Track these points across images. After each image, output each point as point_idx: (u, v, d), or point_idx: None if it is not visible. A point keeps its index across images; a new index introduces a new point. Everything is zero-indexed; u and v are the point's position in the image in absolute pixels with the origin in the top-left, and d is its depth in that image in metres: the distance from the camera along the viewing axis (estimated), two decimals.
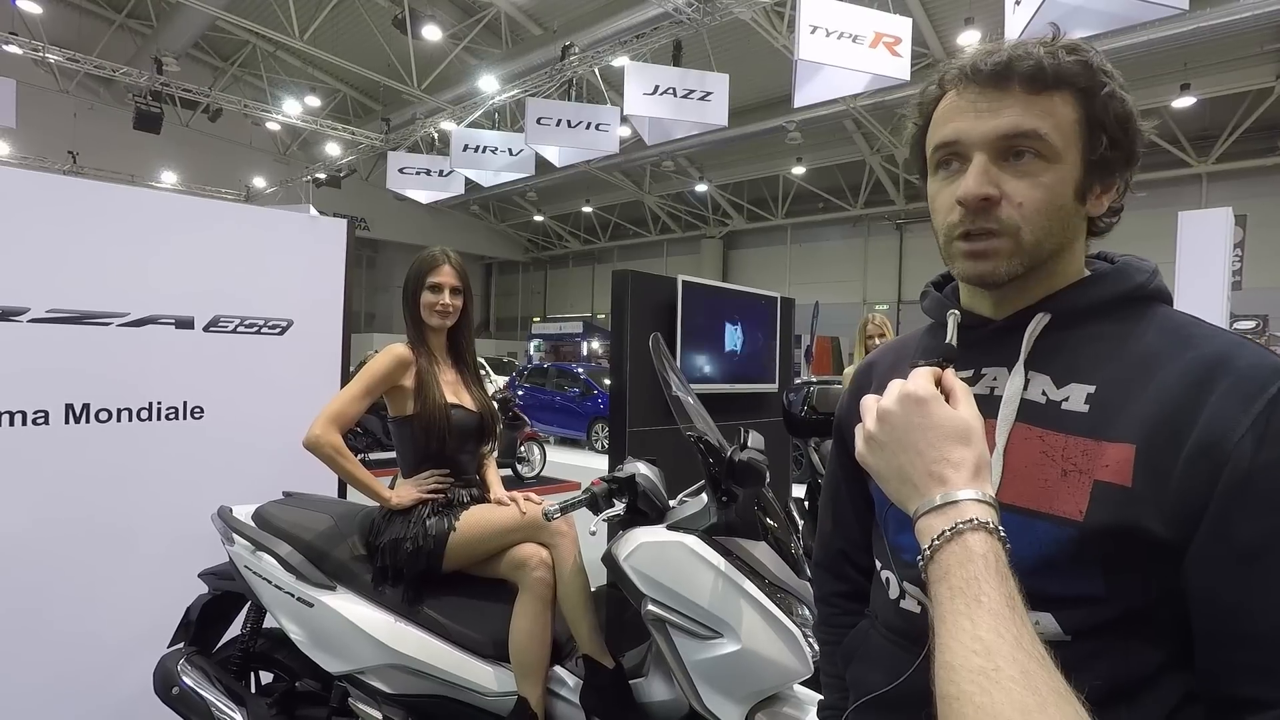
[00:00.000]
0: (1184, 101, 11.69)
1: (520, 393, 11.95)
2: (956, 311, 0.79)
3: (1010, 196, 0.68)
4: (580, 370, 12.85)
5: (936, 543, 0.54)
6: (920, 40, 10.88)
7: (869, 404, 0.66)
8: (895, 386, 0.63)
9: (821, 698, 1.04)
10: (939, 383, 0.63)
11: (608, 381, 10.74)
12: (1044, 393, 0.71)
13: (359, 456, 2.96)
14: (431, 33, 11.97)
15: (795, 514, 4.02)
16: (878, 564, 0.86)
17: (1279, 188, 13.30)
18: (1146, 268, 0.76)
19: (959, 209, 0.71)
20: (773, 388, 4.81)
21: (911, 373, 0.64)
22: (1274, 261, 12.77)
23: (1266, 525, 0.58)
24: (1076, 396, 0.69)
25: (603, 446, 11.16)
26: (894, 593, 0.81)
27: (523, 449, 8.67)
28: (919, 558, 0.56)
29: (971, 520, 0.53)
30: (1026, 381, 0.73)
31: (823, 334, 14.60)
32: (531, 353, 20.52)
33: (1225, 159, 13.50)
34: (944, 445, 0.58)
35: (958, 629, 0.48)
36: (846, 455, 0.95)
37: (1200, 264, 4.77)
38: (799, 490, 5.20)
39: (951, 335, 0.78)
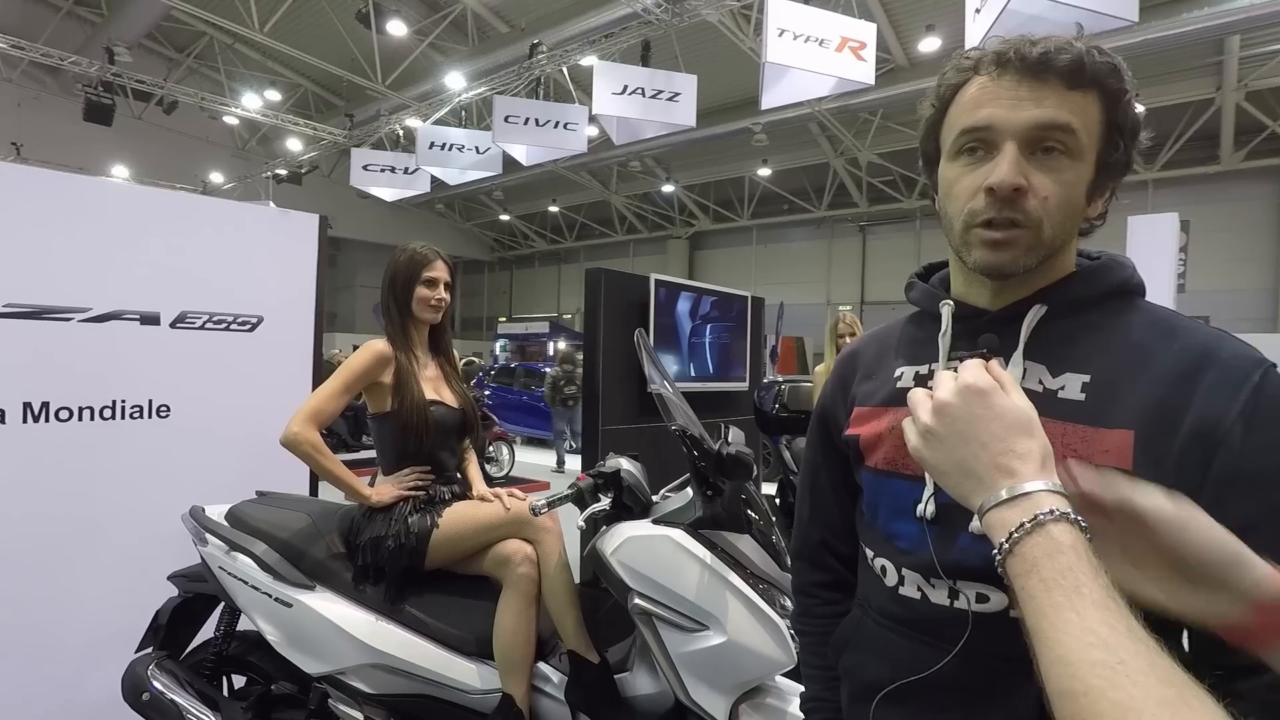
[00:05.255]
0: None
1: (487, 392, 11.85)
2: (950, 302, 0.81)
3: (1036, 190, 0.69)
4: (547, 370, 12.78)
5: (1016, 535, 0.52)
6: (883, 46, 11.09)
7: (919, 398, 0.64)
8: (948, 379, 0.62)
9: (803, 689, 1.04)
10: None
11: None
12: (1040, 382, 0.74)
13: None
14: (396, 28, 11.78)
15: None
16: (869, 552, 0.87)
17: (1218, 194, 13.90)
18: (1129, 264, 0.80)
19: (983, 196, 0.71)
20: (743, 386, 4.86)
21: (963, 364, 0.63)
22: (1214, 265, 13.35)
23: (1257, 503, 0.62)
24: (1072, 385, 0.72)
25: (570, 445, 11.13)
26: (891, 580, 0.82)
27: (491, 449, 8.59)
28: (995, 551, 0.54)
29: (1052, 511, 0.52)
30: (1024, 371, 0.75)
31: (788, 334, 14.78)
32: (497, 353, 20.33)
33: (1169, 166, 14.03)
34: (1009, 437, 0.57)
35: (1064, 622, 0.47)
36: (828, 444, 0.96)
37: (1148, 267, 4.92)
38: (769, 488, 5.26)
39: (946, 325, 0.80)
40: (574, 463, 9.95)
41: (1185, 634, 0.64)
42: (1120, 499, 0.57)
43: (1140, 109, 0.76)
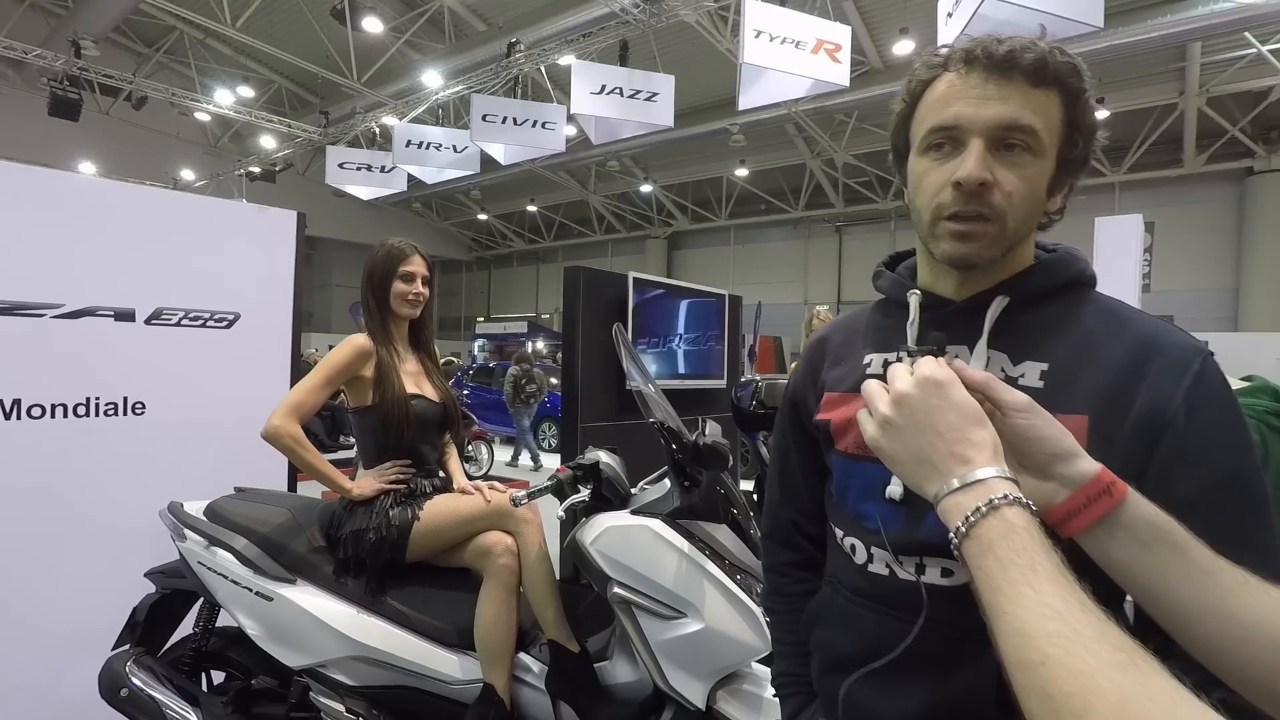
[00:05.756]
0: (1099, 114, 12.39)
1: (466, 392, 11.79)
2: (918, 291, 0.85)
3: (1001, 184, 0.73)
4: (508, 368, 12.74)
5: (973, 518, 0.56)
6: (858, 49, 11.24)
7: (875, 390, 0.68)
8: (902, 371, 0.66)
9: (774, 666, 1.07)
10: None
11: (554, 380, 10.71)
12: (1002, 370, 0.78)
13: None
14: (372, 25, 11.66)
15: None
16: (838, 532, 0.90)
17: (1182, 197, 14.29)
18: (1082, 257, 0.85)
19: (951, 190, 0.74)
20: (721, 383, 4.91)
21: (919, 360, 0.66)
22: (1178, 266, 13.72)
23: (1197, 480, 0.68)
24: (1032, 373, 0.77)
25: (549, 445, 11.11)
26: (861, 558, 0.86)
27: (470, 448, 8.56)
28: (951, 535, 0.58)
29: (1005, 496, 0.55)
30: (987, 360, 0.79)
31: (765, 333, 14.89)
32: (475, 353, 20.23)
33: (1135, 169, 14.38)
34: (964, 426, 0.61)
35: (1020, 596, 0.49)
36: (799, 427, 1.00)
37: (1114, 267, 5.07)
38: (747, 484, 5.31)
39: (914, 314, 0.84)
40: (547, 461, 10.00)
41: (1131, 606, 0.69)
42: (987, 390, 0.65)
43: (1103, 111, 0.80)
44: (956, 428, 0.61)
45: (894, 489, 0.81)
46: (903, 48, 10.78)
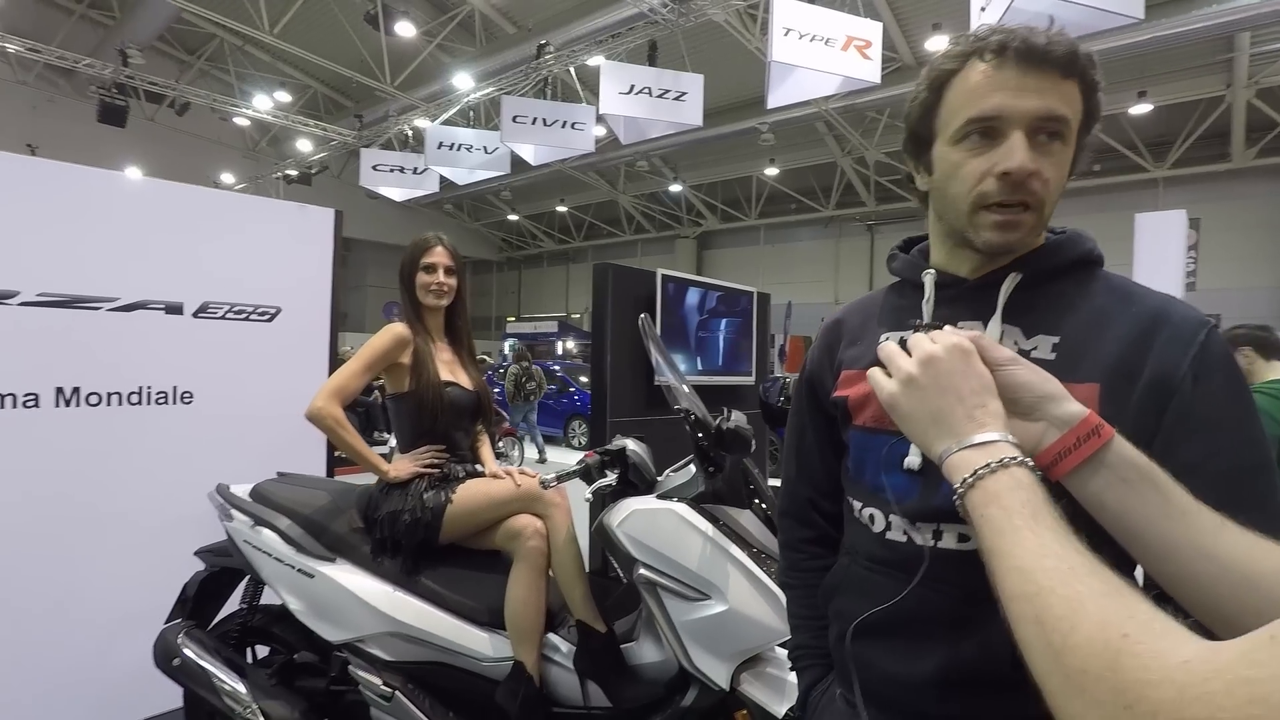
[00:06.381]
0: (1141, 108, 12.12)
1: (497, 390, 11.95)
2: (933, 271, 0.88)
3: (1040, 173, 0.75)
4: (556, 368, 12.89)
5: (982, 471, 0.60)
6: (889, 45, 11.13)
7: (895, 350, 0.72)
8: (924, 339, 0.71)
9: (790, 639, 1.10)
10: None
11: (584, 379, 10.80)
12: (1015, 343, 0.81)
13: (335, 453, 3.03)
14: (405, 29, 11.88)
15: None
16: (855, 504, 0.93)
17: (1230, 192, 13.83)
18: (1091, 237, 0.88)
19: (994, 180, 0.76)
20: (749, 380, 4.92)
21: (944, 330, 0.71)
22: (1225, 264, 13.31)
23: (1202, 444, 0.71)
24: (1044, 346, 0.80)
25: (579, 444, 11.22)
26: (879, 526, 0.89)
27: (501, 444, 8.70)
28: (957, 486, 0.62)
29: (1015, 458, 0.60)
30: (1001, 333, 0.82)
31: (796, 333, 14.83)
32: (506, 352, 20.44)
33: (1180, 164, 13.99)
34: (984, 394, 0.66)
35: (1020, 539, 0.53)
36: (815, 406, 1.03)
37: (1156, 265, 4.96)
38: (775, 482, 5.31)
39: (929, 292, 0.88)
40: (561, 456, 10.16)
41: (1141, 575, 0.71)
42: (978, 343, 0.69)
43: (1146, 105, 0.83)
44: (977, 393, 0.66)
45: (913, 459, 0.84)
46: (935, 44, 10.65)
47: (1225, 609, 0.58)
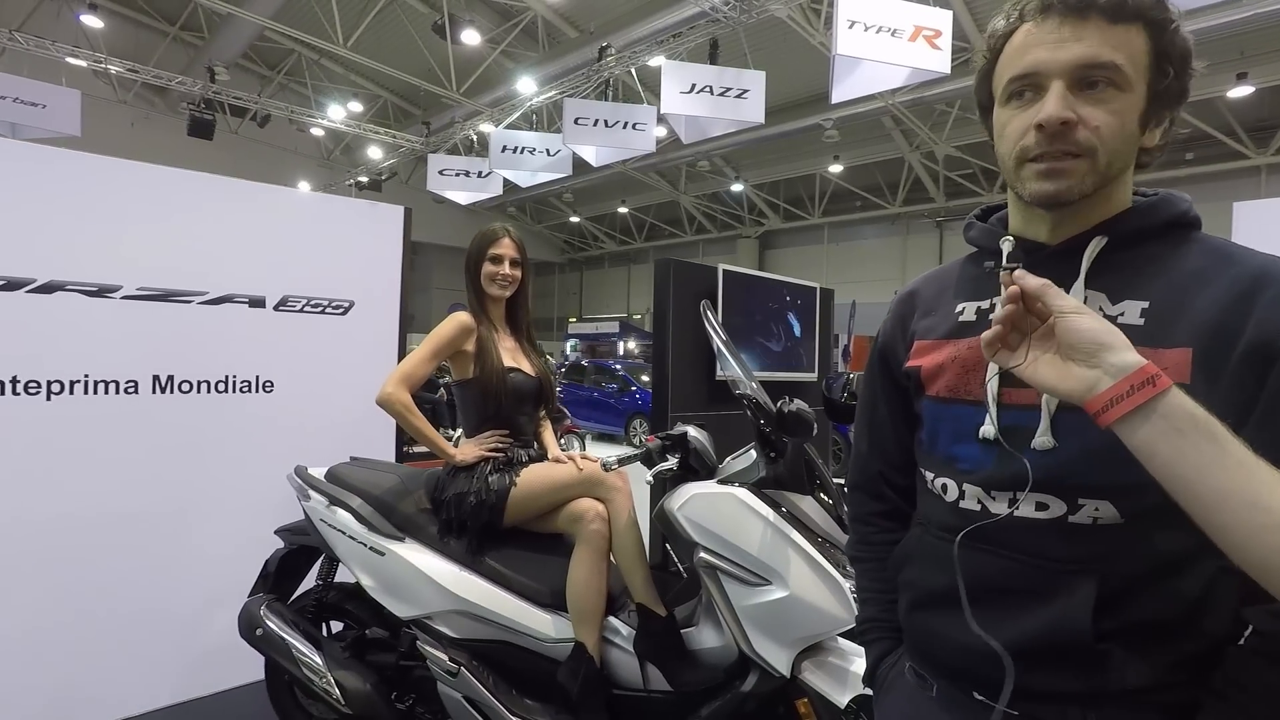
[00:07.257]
0: (1241, 91, 11.31)
1: (559, 389, 12.13)
2: (1010, 237, 0.84)
3: (1087, 120, 0.73)
4: (618, 367, 12.98)
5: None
6: (960, 34, 10.76)
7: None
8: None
9: (858, 613, 1.08)
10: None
11: (645, 378, 10.84)
12: (1100, 309, 0.77)
13: (403, 441, 3.15)
14: (470, 37, 12.20)
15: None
16: (928, 475, 0.91)
17: None
18: (1186, 199, 0.83)
19: (1033, 133, 0.75)
20: (812, 377, 4.85)
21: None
22: None
23: None
24: (1132, 312, 0.76)
25: (640, 441, 11.26)
26: (953, 495, 0.86)
27: (563, 441, 8.81)
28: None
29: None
30: (1084, 299, 0.78)
31: (860, 333, 14.50)
32: (568, 352, 20.74)
33: None
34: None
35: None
36: (887, 377, 1.01)
37: None
38: (839, 481, 5.21)
39: (1005, 260, 0.85)
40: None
41: None
42: (1043, 295, 0.69)
43: (1247, 87, 0.79)
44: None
45: (988, 429, 0.82)
46: None
47: (1274, 560, 0.57)
